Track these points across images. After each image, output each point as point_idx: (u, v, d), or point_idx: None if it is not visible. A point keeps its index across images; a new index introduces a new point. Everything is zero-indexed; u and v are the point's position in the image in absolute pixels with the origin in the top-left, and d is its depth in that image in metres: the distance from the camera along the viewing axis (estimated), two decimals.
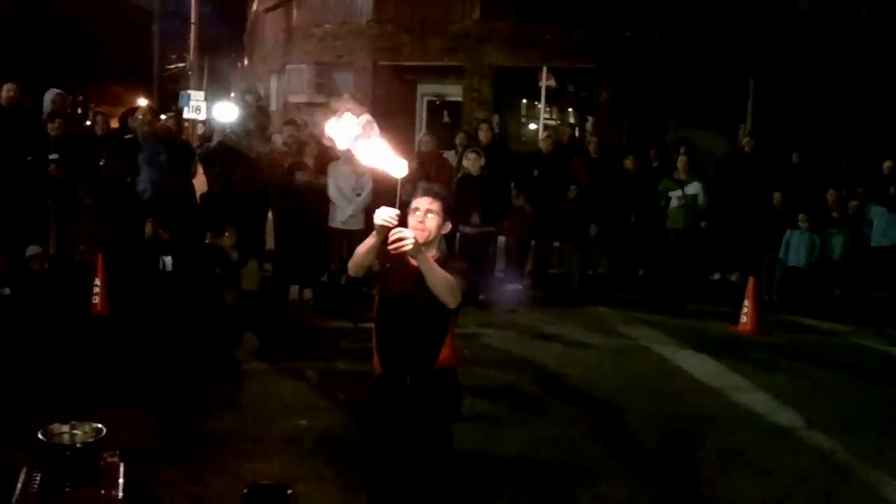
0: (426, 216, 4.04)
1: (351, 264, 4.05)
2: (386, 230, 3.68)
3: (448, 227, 4.17)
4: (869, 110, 15.33)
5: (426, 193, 4.11)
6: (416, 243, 3.69)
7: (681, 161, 12.43)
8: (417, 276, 3.85)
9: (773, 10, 16.02)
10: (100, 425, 3.69)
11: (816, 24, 15.79)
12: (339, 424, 6.31)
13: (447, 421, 4.16)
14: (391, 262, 3.97)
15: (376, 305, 4.16)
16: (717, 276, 13.03)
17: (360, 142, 4.01)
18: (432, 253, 4.08)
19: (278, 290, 10.71)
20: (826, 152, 13.74)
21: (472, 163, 11.06)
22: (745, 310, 10.12)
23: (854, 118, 15.19)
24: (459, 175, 11.51)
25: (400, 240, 3.64)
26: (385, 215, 3.69)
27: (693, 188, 12.21)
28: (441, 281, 3.81)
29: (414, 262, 3.88)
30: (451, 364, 4.14)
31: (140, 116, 10.85)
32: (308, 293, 10.68)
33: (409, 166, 3.88)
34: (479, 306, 10.21)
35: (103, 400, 6.33)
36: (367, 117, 4.50)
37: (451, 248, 11.17)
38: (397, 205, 3.75)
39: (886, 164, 12.53)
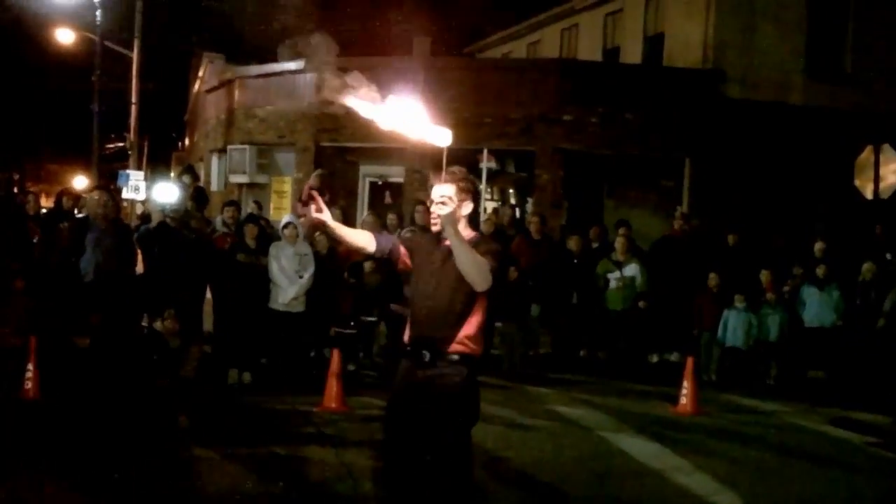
0: (436, 206, 4.21)
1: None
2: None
3: (470, 207, 4.32)
4: (800, 192, 15.80)
5: (437, 183, 4.35)
6: (452, 214, 3.94)
7: (619, 242, 12.63)
8: (447, 254, 4.04)
9: (706, 94, 16.54)
10: None
11: (748, 109, 16.33)
12: None
13: (462, 421, 4.26)
14: (422, 240, 4.21)
15: (411, 280, 4.38)
16: (655, 359, 13.08)
17: (392, 111, 4.10)
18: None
19: (217, 372, 10.53)
20: (760, 233, 14.07)
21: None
22: (684, 390, 10.16)
23: (787, 199, 15.64)
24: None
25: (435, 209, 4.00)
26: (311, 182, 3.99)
27: (631, 270, 12.40)
28: (469, 259, 3.95)
29: (445, 241, 4.08)
30: (472, 352, 4.23)
31: (96, 198, 10.64)
32: (247, 376, 10.53)
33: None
34: None
35: (35, 489, 6.12)
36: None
37: None
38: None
39: (817, 246, 12.82)
